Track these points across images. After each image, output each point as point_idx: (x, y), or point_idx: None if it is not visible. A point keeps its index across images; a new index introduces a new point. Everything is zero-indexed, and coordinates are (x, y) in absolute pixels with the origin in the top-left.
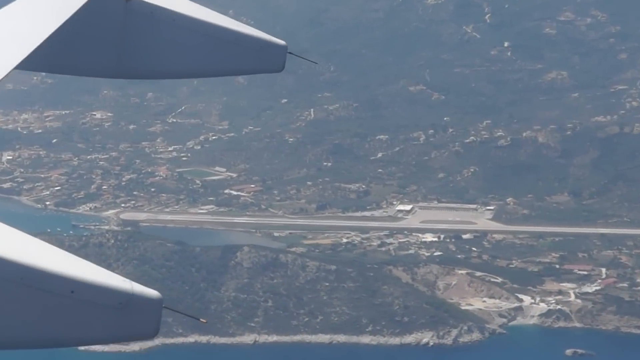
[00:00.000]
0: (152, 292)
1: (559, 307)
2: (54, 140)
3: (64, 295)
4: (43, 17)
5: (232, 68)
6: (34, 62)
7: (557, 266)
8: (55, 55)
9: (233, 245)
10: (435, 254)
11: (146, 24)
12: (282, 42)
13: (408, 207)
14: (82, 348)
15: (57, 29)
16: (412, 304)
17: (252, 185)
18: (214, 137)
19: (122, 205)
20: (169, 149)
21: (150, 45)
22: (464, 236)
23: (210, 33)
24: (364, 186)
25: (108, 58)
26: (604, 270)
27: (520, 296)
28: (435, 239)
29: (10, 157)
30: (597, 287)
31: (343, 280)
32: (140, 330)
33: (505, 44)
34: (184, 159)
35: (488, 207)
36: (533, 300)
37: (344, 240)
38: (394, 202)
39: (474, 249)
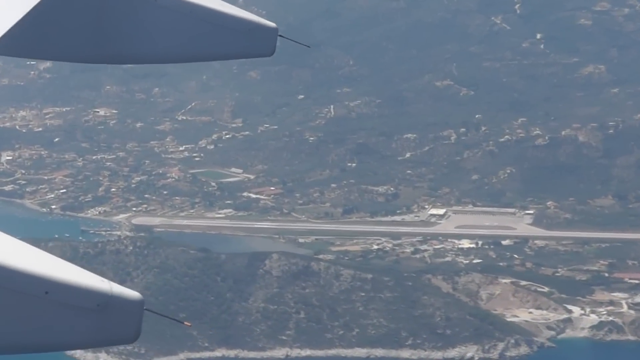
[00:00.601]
0: (132, 293)
1: (610, 318)
2: (56, 140)
3: (37, 296)
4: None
5: (218, 52)
6: (6, 46)
7: (607, 274)
8: (28, 39)
9: (260, 252)
10: (475, 261)
11: (125, 4)
12: (272, 25)
13: (441, 212)
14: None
15: (30, 11)
16: (454, 316)
17: (272, 188)
18: (227, 136)
19: (134, 209)
20: (180, 148)
21: (130, 27)
22: (504, 242)
23: (194, 14)
24: (392, 188)
25: (84, 41)
26: None
27: (569, 307)
28: (473, 246)
29: (10, 158)
30: None
31: (380, 290)
32: (120, 334)
33: (538, 36)
34: (196, 159)
35: (527, 211)
36: (583, 312)
37: (375, 246)
38: (426, 206)
39: (515, 256)
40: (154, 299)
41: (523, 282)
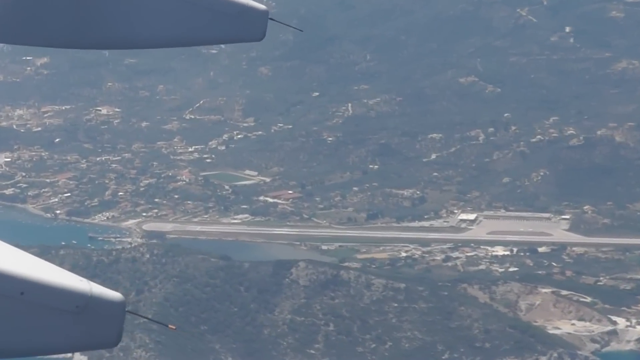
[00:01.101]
0: (113, 294)
1: None
2: (57, 140)
3: (12, 297)
4: None
5: (206, 36)
6: None
7: None
8: (5, 23)
9: (286, 260)
10: (511, 269)
11: None
12: (262, 7)
13: (472, 217)
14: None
15: None
16: (493, 328)
17: (290, 192)
18: (239, 136)
19: (143, 214)
20: (190, 149)
21: (115, 11)
22: (540, 249)
23: None
24: (418, 192)
25: (67, 25)
26: None
27: (614, 318)
28: (508, 253)
29: (9, 159)
30: None
31: (414, 301)
32: (100, 337)
33: (567, 30)
34: (207, 160)
35: (563, 216)
36: (628, 323)
37: (403, 254)
38: (455, 211)
39: (554, 264)
40: (174, 310)
41: (564, 292)
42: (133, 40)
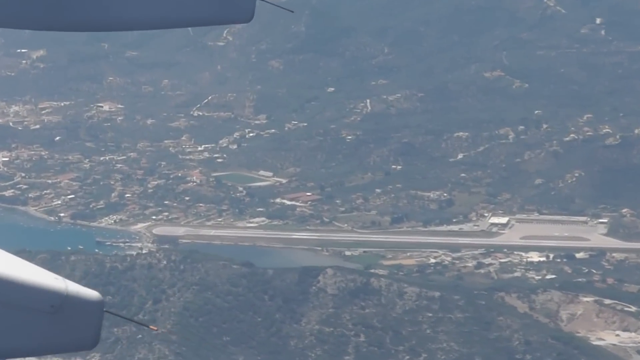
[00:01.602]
0: (91, 293)
1: None
2: (57, 138)
3: None
4: None
5: (190, 16)
6: None
7: None
8: None
9: (312, 267)
10: (548, 277)
11: None
12: None
13: (503, 220)
14: None
15: None
16: (534, 339)
17: (308, 193)
18: (251, 134)
19: (153, 217)
20: (199, 148)
21: None
22: (578, 255)
23: None
24: (445, 194)
25: (37, 4)
26: None
27: None
28: (544, 259)
29: (7, 159)
30: None
31: (449, 310)
32: (77, 339)
33: (597, 21)
34: (218, 160)
35: (600, 220)
36: None
37: (432, 260)
38: (485, 214)
39: (593, 270)
40: (194, 321)
41: (607, 301)
42: (112, 21)
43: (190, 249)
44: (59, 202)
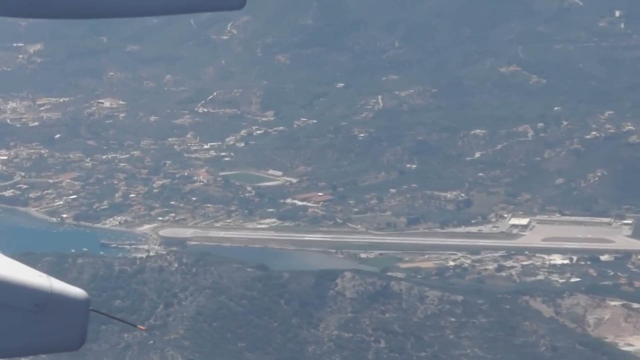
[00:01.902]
0: (76, 291)
1: None
2: (57, 136)
3: None
4: None
5: (179, 3)
6: None
7: None
8: None
9: (329, 270)
10: (572, 280)
11: None
12: None
13: (524, 221)
14: None
15: None
16: (561, 345)
17: (320, 194)
18: (259, 132)
19: (159, 218)
20: (205, 146)
21: None
22: (602, 258)
23: None
24: (463, 194)
25: None
26: None
27: None
28: (567, 262)
29: (5, 157)
30: None
31: (473, 315)
32: (62, 339)
33: (616, 14)
34: (226, 159)
35: (625, 221)
36: None
37: (451, 262)
38: (505, 215)
39: (619, 274)
40: (207, 326)
41: (635, 305)
42: (102, 8)
43: (202, 251)
44: (61, 202)
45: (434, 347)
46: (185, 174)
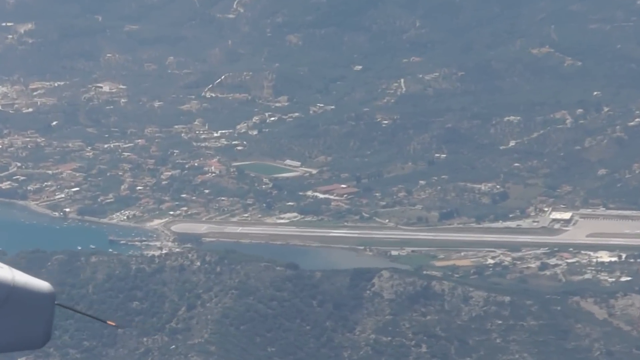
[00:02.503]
0: (41, 284)
1: None
2: (54, 123)
3: None
4: None
5: None
6: None
7: None
8: None
9: (365, 269)
10: (623, 279)
11: None
12: None
13: (566, 216)
14: None
15: None
16: (616, 349)
17: (343, 186)
18: (272, 119)
19: (170, 212)
20: (215, 134)
21: None
22: None
23: None
24: (498, 186)
25: None
26: None
27: None
28: (615, 259)
29: (0, 146)
30: None
31: (521, 317)
32: (25, 336)
33: None
34: (238, 148)
35: None
36: None
37: (490, 260)
38: (545, 209)
39: None
40: (234, 329)
41: None
42: None
43: (225, 248)
44: (63, 195)
45: (480, 351)
46: (196, 164)
